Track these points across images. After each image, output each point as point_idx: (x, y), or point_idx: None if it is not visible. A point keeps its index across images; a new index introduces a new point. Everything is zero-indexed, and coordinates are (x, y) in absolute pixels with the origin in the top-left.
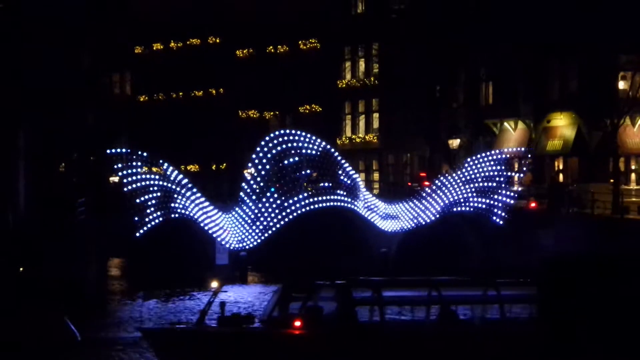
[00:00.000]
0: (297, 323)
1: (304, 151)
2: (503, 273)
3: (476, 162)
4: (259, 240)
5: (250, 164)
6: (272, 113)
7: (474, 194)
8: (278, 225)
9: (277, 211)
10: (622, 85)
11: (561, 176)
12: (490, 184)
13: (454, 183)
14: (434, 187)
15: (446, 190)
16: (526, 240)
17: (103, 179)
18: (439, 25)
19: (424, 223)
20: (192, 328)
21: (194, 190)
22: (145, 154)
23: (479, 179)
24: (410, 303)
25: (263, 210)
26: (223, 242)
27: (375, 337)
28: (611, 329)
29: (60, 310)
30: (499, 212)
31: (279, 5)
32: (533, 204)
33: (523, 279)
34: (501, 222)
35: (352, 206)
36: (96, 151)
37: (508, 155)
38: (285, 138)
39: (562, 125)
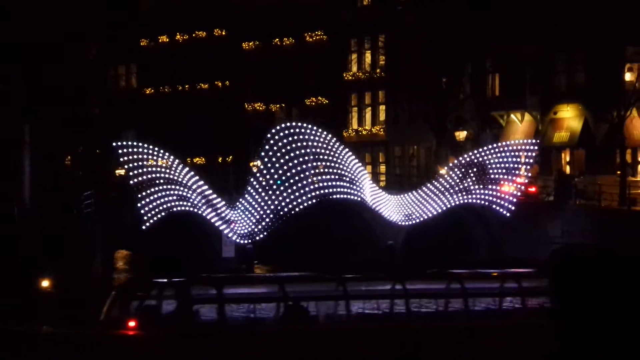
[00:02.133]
0: (132, 323)
1: (310, 143)
2: (507, 265)
3: (483, 153)
4: (265, 233)
5: (256, 157)
6: (278, 105)
7: (481, 185)
8: (284, 218)
9: (283, 204)
10: (628, 77)
11: (568, 168)
12: (497, 175)
13: (460, 174)
14: (440, 179)
15: (452, 182)
16: (533, 233)
17: (109, 172)
18: (445, 17)
19: (430, 215)
20: (23, 329)
21: (200, 182)
22: (151, 146)
23: (486, 170)
24: (256, 300)
25: (270, 203)
26: (229, 235)
27: (214, 336)
28: (626, 324)
29: None
30: (506, 203)
31: None
32: (532, 189)
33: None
34: (508, 214)
35: (359, 198)
36: (101, 144)
37: (515, 147)
38: (292, 131)
39: (569, 117)
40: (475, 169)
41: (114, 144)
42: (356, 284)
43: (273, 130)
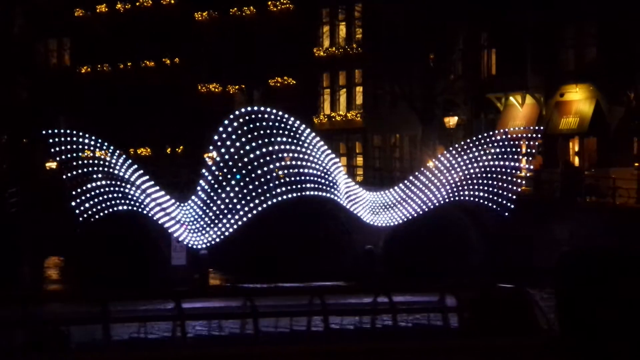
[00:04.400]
0: None
1: (274, 132)
2: (502, 273)
3: (477, 143)
4: (222, 237)
5: (211, 147)
6: (237, 87)
7: (475, 180)
8: (245, 219)
9: (243, 202)
10: None
11: (577, 159)
12: (494, 168)
13: (450, 167)
14: (427, 173)
15: (441, 177)
16: (536, 235)
17: (38, 165)
18: None
19: (416, 215)
20: None
21: (145, 177)
22: (87, 135)
23: (481, 163)
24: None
25: (227, 201)
26: (180, 239)
27: None
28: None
29: None
30: (504, 201)
31: None
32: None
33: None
34: (506, 214)
35: (332, 196)
36: (30, 132)
37: (514, 135)
38: (253, 117)
39: (578, 99)
40: (468, 161)
41: (44, 132)
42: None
43: (231, 116)
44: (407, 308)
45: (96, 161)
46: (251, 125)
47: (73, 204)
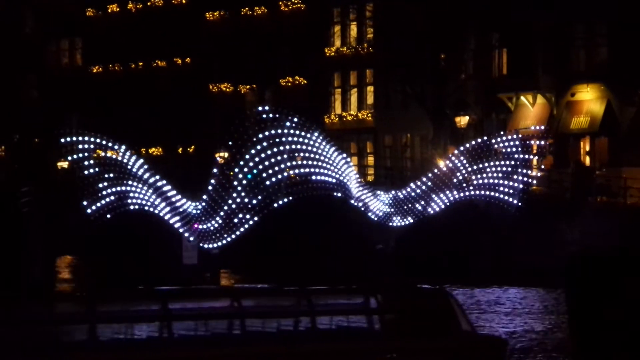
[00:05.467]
0: None
1: (285, 131)
2: (512, 274)
3: (488, 142)
4: (233, 236)
5: (223, 147)
6: (248, 87)
7: (486, 180)
8: (256, 218)
9: (254, 202)
10: None
11: (587, 159)
12: (504, 168)
13: (461, 167)
14: (438, 172)
15: (452, 176)
16: (547, 235)
17: (49, 164)
18: None
19: (427, 214)
20: None
21: (157, 177)
22: (98, 134)
23: (492, 162)
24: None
25: (238, 200)
26: (191, 239)
27: None
28: None
29: None
30: (514, 201)
31: None
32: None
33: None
34: (517, 213)
35: (343, 195)
36: (41, 132)
37: (525, 135)
38: (265, 117)
39: (589, 99)
40: (478, 161)
41: (55, 131)
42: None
43: (242, 117)
44: (330, 310)
45: (107, 160)
46: (262, 125)
47: (84, 203)
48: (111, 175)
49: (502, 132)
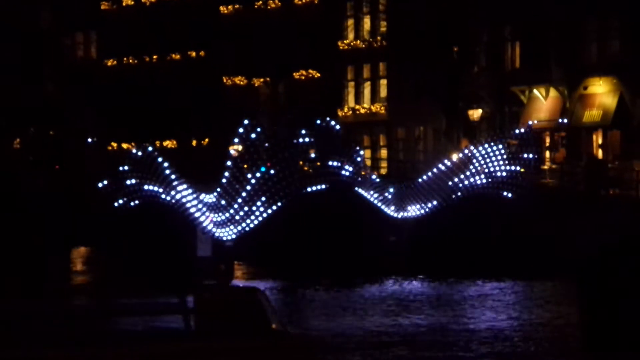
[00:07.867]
0: None
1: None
2: (524, 267)
3: (501, 135)
4: (247, 229)
5: (236, 139)
6: (262, 80)
7: (498, 173)
8: (270, 211)
9: (268, 194)
10: None
11: (600, 152)
12: (517, 161)
13: (474, 159)
14: (451, 165)
15: (464, 168)
16: (559, 228)
17: (65, 157)
18: None
19: (440, 207)
20: None
21: (171, 170)
22: (113, 127)
23: (504, 154)
24: None
25: (252, 192)
26: (205, 230)
27: None
28: None
29: None
30: (526, 193)
31: None
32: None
33: None
34: (527, 206)
35: (356, 188)
36: (56, 124)
37: (538, 128)
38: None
39: (602, 92)
40: (491, 153)
41: (70, 124)
42: None
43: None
44: (137, 310)
45: (122, 153)
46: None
47: (100, 195)
48: (126, 168)
49: (514, 125)
